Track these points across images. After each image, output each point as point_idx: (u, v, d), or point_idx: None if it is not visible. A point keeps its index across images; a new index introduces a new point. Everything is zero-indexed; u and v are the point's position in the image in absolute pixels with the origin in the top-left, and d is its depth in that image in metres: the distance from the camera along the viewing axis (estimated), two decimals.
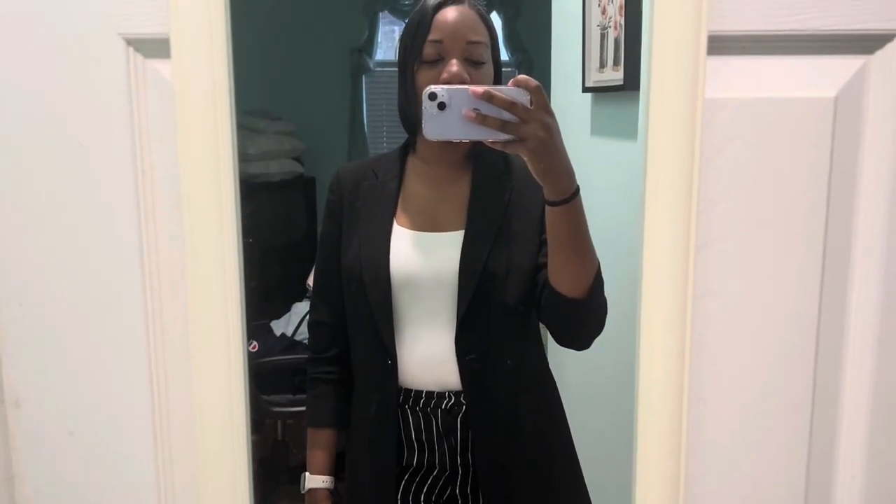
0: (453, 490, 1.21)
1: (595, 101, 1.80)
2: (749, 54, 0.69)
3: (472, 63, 1.10)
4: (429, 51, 1.10)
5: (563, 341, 1.17)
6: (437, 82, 1.07)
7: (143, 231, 0.71)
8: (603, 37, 1.70)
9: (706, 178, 0.69)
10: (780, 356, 0.72)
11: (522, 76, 0.91)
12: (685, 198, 0.68)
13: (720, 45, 0.68)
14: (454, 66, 1.08)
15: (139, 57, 0.69)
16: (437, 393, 1.17)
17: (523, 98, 0.90)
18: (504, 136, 0.90)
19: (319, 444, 1.27)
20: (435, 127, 0.89)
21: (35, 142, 0.70)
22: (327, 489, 1.26)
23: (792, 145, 0.69)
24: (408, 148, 1.25)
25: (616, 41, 1.63)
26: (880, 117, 0.69)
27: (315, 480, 1.25)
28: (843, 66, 0.69)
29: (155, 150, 0.70)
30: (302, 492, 1.26)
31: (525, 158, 0.94)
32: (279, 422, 2.53)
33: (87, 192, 0.71)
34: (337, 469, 1.28)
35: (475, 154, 1.21)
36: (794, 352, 0.72)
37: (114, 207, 0.71)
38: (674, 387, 0.72)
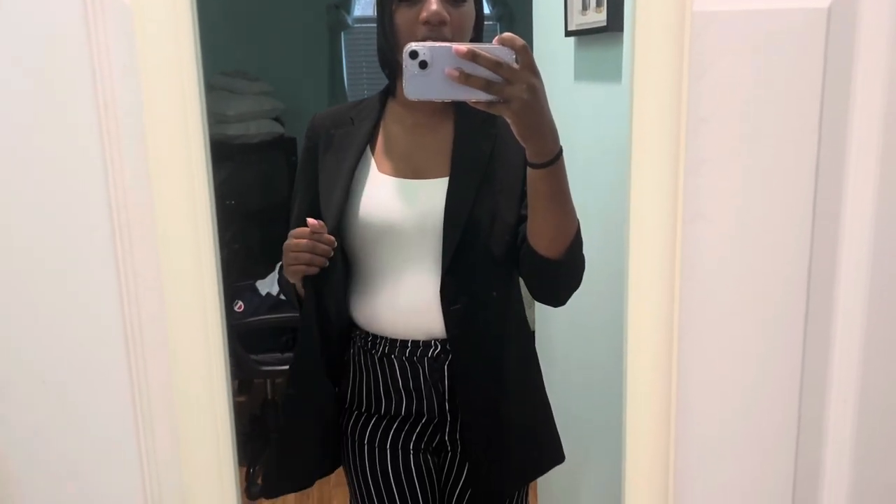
0: (442, 437, 1.21)
1: (578, 45, 1.76)
2: None
3: (452, 1, 1.05)
4: None
5: (539, 297, 1.15)
6: (416, 22, 1.03)
7: (108, 170, 0.68)
8: None
9: (695, 96, 0.66)
10: (773, 278, 0.71)
11: (508, 34, 0.87)
12: (674, 117, 0.66)
13: None
14: (433, 4, 1.03)
15: None
16: (423, 342, 1.16)
17: (508, 57, 0.86)
18: (488, 97, 0.87)
19: None
20: (416, 86, 0.86)
21: None
22: None
23: (784, 59, 0.66)
24: (388, 93, 1.21)
25: None
26: (874, 28, 0.66)
27: None
28: None
29: (116, 81, 0.66)
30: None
31: (508, 120, 0.91)
32: (268, 381, 2.53)
33: (46, 128, 0.67)
34: None
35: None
36: (787, 273, 0.70)
37: (76, 144, 0.67)
38: (663, 318, 0.71)
